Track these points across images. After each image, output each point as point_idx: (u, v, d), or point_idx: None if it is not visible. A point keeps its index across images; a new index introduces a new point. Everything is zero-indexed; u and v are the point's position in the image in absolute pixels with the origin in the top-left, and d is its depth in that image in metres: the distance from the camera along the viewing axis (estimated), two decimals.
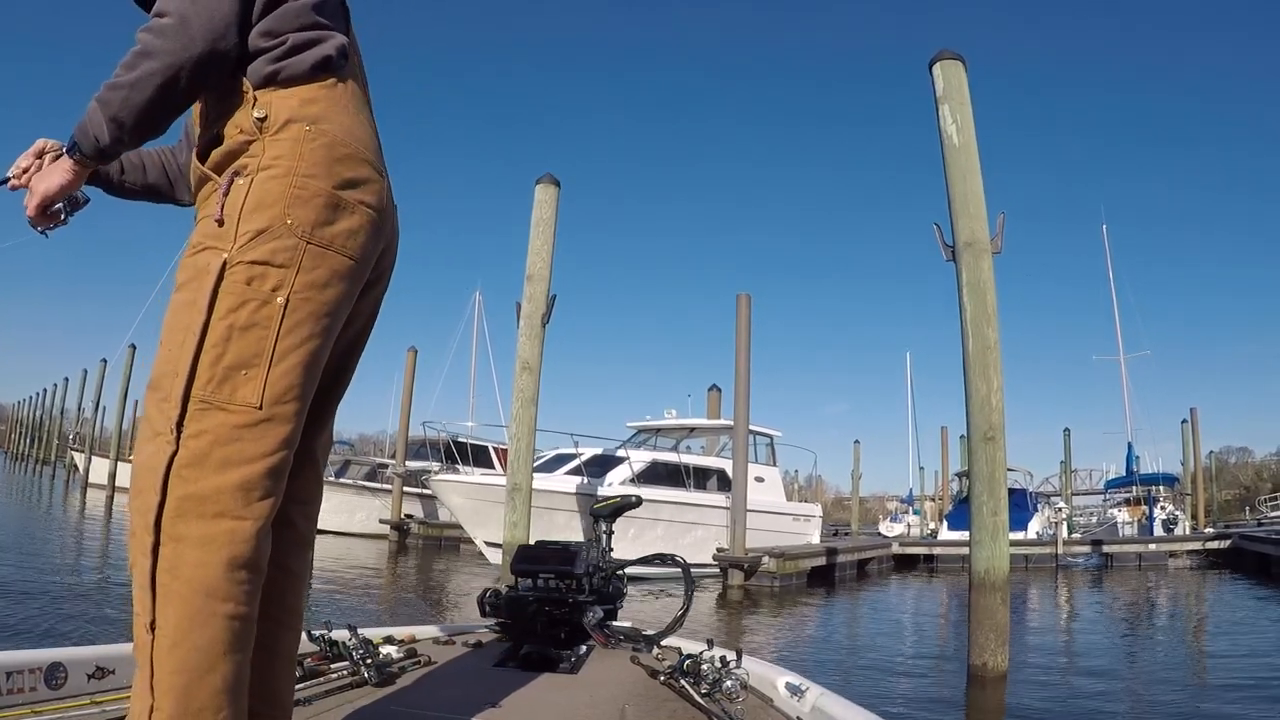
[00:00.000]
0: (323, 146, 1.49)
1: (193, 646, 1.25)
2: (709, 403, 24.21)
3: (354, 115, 1.59)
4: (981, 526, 7.83)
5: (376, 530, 24.54)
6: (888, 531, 35.73)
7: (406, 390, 26.65)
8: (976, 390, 7.86)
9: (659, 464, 18.13)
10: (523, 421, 11.08)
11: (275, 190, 1.43)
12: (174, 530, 1.29)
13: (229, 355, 1.36)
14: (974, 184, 8.23)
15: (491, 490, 16.35)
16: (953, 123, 8.40)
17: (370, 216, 1.55)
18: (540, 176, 11.90)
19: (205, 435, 1.32)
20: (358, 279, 1.55)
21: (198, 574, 1.27)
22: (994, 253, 8.06)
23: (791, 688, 2.44)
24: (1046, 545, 25.00)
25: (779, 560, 15.90)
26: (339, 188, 1.49)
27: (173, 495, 1.30)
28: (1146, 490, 31.73)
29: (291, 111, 1.49)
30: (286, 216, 1.42)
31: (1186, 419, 40.02)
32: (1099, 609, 15.65)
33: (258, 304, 1.38)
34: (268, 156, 1.46)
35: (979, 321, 7.91)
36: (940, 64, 8.63)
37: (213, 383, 1.34)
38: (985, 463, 7.84)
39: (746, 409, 15.88)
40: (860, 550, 21.56)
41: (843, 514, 59.12)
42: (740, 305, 15.78)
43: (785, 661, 8.27)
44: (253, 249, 1.40)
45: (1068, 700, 7.06)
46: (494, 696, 2.31)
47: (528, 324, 11.21)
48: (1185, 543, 26.87)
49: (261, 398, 1.36)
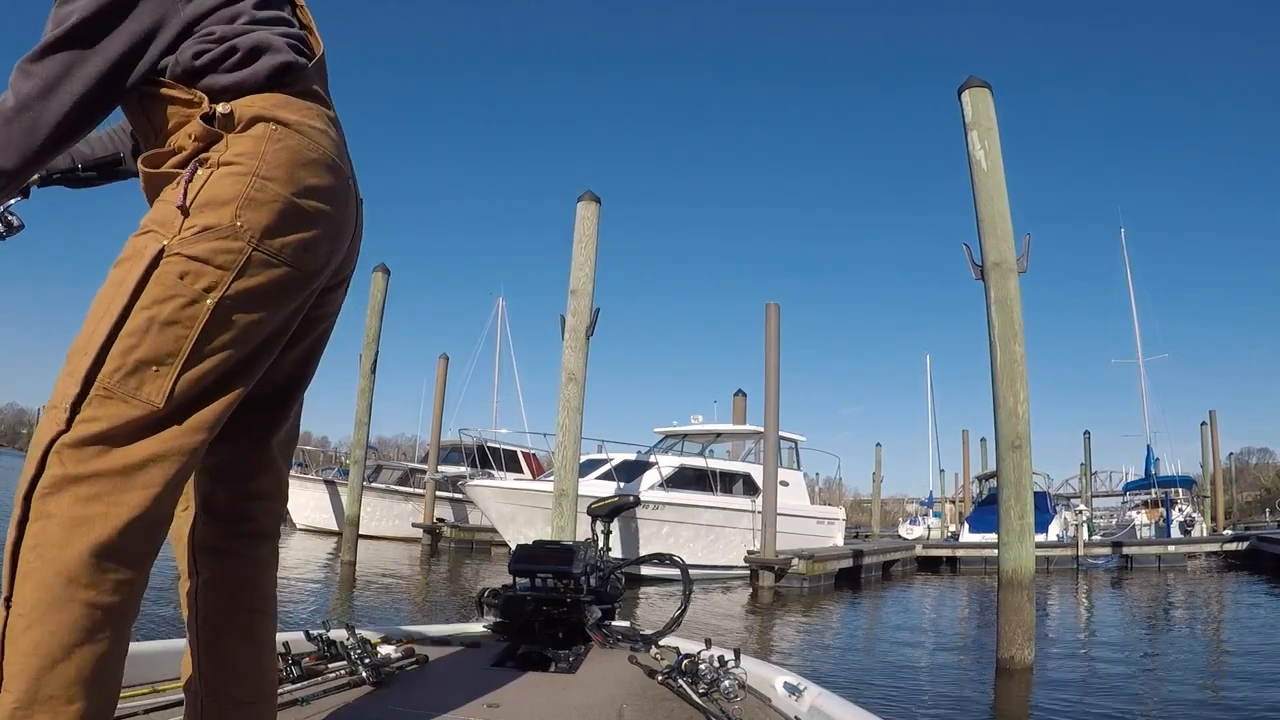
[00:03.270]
0: (287, 149, 1.43)
1: (49, 631, 1.18)
2: (734, 408, 24.51)
3: (319, 113, 1.53)
4: (1009, 529, 8.23)
5: (409, 534, 24.99)
6: (907, 534, 35.92)
7: (438, 396, 26.95)
8: (1004, 401, 8.29)
9: (686, 469, 18.50)
10: (569, 430, 11.57)
11: (231, 188, 1.37)
12: (44, 507, 1.22)
13: (142, 348, 1.29)
14: (1001, 207, 8.65)
15: (525, 495, 16.80)
16: (981, 148, 8.82)
17: (328, 225, 1.49)
18: (581, 194, 12.31)
19: (98, 422, 1.25)
20: (304, 290, 1.48)
21: (60, 555, 1.19)
22: (1020, 272, 8.50)
23: (789, 687, 2.45)
24: (1067, 547, 25.22)
25: (808, 562, 16.28)
26: (298, 194, 1.42)
27: (49, 472, 1.23)
28: (1164, 493, 31.86)
29: (257, 110, 1.43)
30: (237, 218, 1.36)
31: (1206, 421, 40.19)
32: (1118, 608, 15.97)
33: (185, 301, 1.32)
34: (230, 152, 1.40)
35: (1006, 337, 8.35)
36: (969, 91, 9.00)
37: (120, 372, 1.27)
38: (1012, 469, 8.25)
39: (776, 416, 16.32)
40: (885, 552, 21.96)
41: (860, 516, 59.19)
42: (769, 315, 16.22)
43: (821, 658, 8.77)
44: (194, 243, 1.33)
45: (1091, 691, 7.43)
46: (491, 696, 2.32)
47: (572, 336, 11.71)
48: (1203, 544, 27.13)
49: (165, 397, 1.30)
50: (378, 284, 18.39)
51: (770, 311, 16.32)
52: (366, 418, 18.33)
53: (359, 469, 18.80)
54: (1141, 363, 36.02)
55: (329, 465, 41.23)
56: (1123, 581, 21.27)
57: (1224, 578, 21.92)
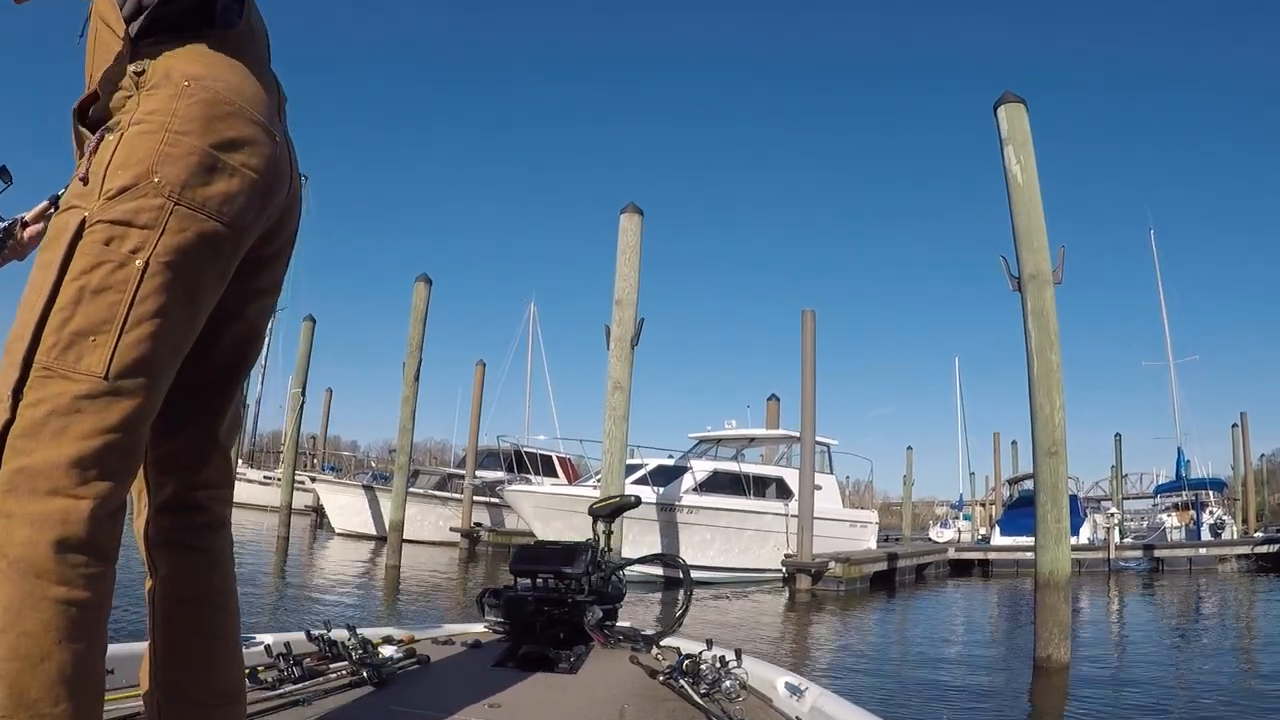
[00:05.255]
0: (201, 103, 1.37)
1: (23, 632, 1.13)
2: (768, 412, 24.73)
3: (243, 71, 1.48)
4: (1046, 532, 8.52)
5: (447, 538, 25.36)
6: (938, 537, 35.95)
7: (475, 402, 27.16)
8: (1041, 409, 8.58)
9: (721, 473, 18.74)
10: (615, 437, 11.94)
11: (144, 146, 1.32)
12: (4, 505, 1.17)
13: (77, 319, 1.24)
14: (1036, 220, 8.96)
15: (564, 499, 17.15)
16: (1017, 163, 9.12)
17: (252, 180, 1.42)
18: (624, 206, 12.68)
19: (43, 405, 1.20)
20: (233, 246, 1.42)
21: (27, 554, 1.15)
22: (1055, 283, 8.79)
23: (791, 688, 2.44)
24: (1099, 550, 25.29)
25: (844, 565, 16.52)
26: (217, 147, 1.37)
27: (6, 468, 1.18)
28: (1195, 495, 31.85)
29: (170, 66, 1.39)
30: (154, 174, 1.31)
31: (1237, 423, 40.07)
32: (1151, 610, 16.16)
33: (114, 266, 1.26)
34: (140, 111, 1.35)
35: (1043, 347, 8.65)
36: (1004, 107, 9.29)
37: (57, 348, 1.22)
38: (1049, 474, 8.54)
39: (813, 420, 16.61)
40: (918, 555, 22.20)
41: (889, 519, 59.05)
42: (805, 322, 16.51)
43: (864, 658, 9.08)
44: (114, 207, 1.28)
45: (1126, 689, 7.70)
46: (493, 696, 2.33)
47: (618, 346, 12.09)
48: (1234, 547, 27.17)
49: (108, 368, 1.24)
50: (419, 293, 18.65)
51: (806, 318, 16.61)
52: (410, 424, 18.62)
53: (403, 475, 19.08)
54: (1172, 364, 36.00)
55: (361, 471, 41.74)
56: (1154, 584, 21.41)
57: (1255, 580, 22.03)
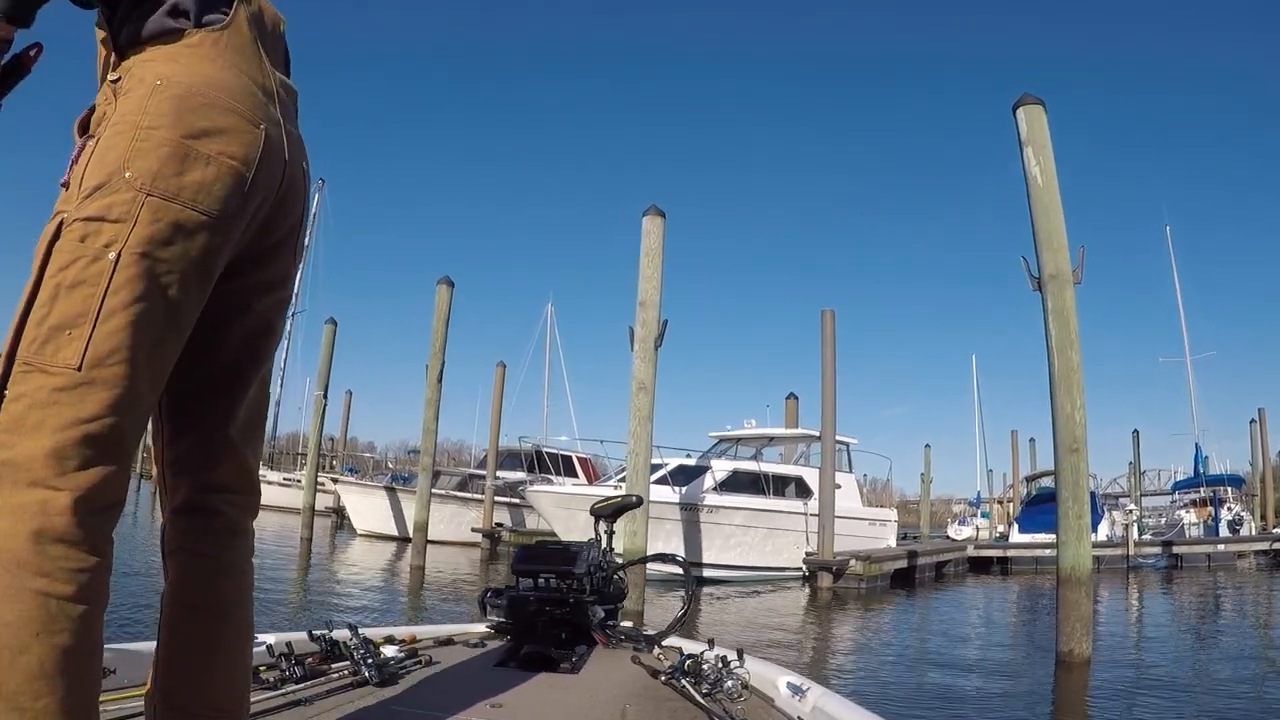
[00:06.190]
0: (171, 98, 1.38)
1: (2, 623, 1.13)
2: (787, 411, 24.83)
3: (221, 66, 1.48)
4: (1068, 529, 8.66)
5: (468, 538, 25.54)
6: (956, 535, 35.98)
7: (496, 403, 27.25)
8: (1061, 407, 8.72)
9: (740, 473, 18.88)
10: (640, 438, 12.07)
11: (117, 145, 1.34)
12: None
13: (54, 315, 1.25)
14: (1056, 221, 9.08)
15: (586, 500, 17.32)
16: (1036, 164, 9.24)
17: (232, 167, 1.42)
18: (646, 209, 12.79)
19: (23, 399, 1.22)
20: (217, 235, 1.41)
21: (6, 545, 1.15)
22: (1075, 283, 8.92)
23: (793, 687, 2.43)
24: (1118, 547, 25.31)
25: (865, 563, 16.68)
26: (189, 137, 1.37)
27: None
28: (1213, 491, 31.76)
29: (145, 70, 1.41)
30: (125, 169, 1.32)
31: (1255, 419, 39.90)
32: (1170, 606, 16.25)
33: (88, 261, 1.28)
34: (115, 115, 1.38)
35: (1063, 346, 8.79)
36: (1023, 108, 9.40)
37: (36, 343, 1.24)
38: (1070, 472, 8.67)
39: (833, 420, 16.76)
40: (937, 553, 22.29)
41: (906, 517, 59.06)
42: (825, 321, 16.64)
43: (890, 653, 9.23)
44: (89, 205, 1.30)
45: (1146, 683, 7.86)
46: (495, 696, 2.32)
47: (641, 347, 12.22)
48: (1252, 543, 27.15)
49: (82, 359, 1.25)
50: (442, 296, 18.86)
51: (826, 318, 16.74)
52: (434, 426, 18.85)
53: (427, 476, 19.27)
54: (1189, 360, 35.88)
55: (380, 472, 41.99)
56: (1173, 580, 21.47)
57: (1273, 576, 22.08)
